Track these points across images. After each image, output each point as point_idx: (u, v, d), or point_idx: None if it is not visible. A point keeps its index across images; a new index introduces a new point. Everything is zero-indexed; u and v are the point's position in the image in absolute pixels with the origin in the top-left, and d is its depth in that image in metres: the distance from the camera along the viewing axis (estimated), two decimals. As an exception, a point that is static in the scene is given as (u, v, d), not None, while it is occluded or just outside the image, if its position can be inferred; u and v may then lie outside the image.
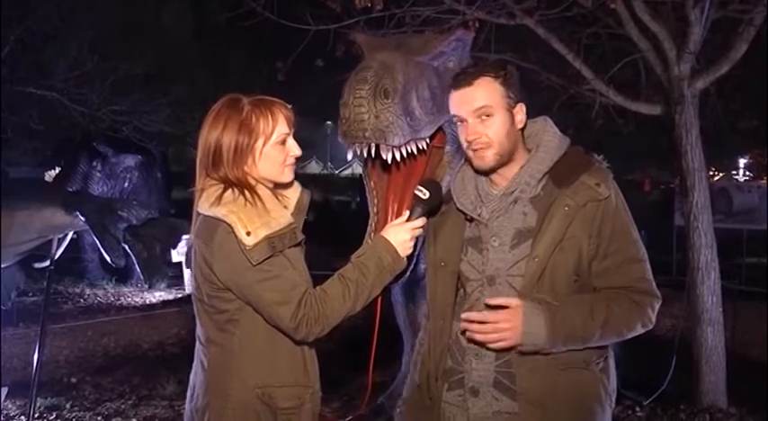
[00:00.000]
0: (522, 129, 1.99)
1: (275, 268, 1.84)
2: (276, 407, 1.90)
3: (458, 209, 2.03)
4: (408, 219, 2.03)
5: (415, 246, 2.08)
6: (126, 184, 9.41)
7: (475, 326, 1.88)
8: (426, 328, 2.10)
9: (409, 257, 2.06)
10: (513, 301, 1.85)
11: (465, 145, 1.96)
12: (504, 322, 1.84)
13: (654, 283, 1.95)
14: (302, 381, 1.95)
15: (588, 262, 1.89)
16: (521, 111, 1.96)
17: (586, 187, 1.89)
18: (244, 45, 10.87)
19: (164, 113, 8.87)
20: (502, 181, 1.97)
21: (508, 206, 1.94)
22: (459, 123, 1.97)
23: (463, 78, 1.95)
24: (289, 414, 1.92)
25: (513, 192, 1.94)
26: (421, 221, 2.04)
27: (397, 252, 1.98)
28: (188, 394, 2.04)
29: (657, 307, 1.95)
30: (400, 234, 2.00)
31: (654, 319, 1.94)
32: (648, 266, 1.96)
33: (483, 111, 1.91)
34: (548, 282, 1.88)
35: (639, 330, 1.94)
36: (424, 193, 2.04)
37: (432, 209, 2.07)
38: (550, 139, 1.98)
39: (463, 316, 1.92)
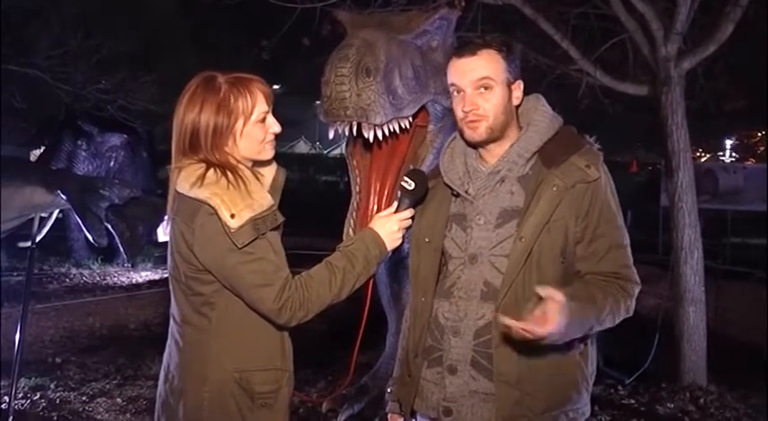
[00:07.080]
0: (518, 107, 1.96)
1: (258, 250, 1.81)
2: (253, 391, 1.87)
3: (445, 184, 1.99)
4: (396, 211, 1.99)
5: (403, 237, 2.03)
6: (111, 164, 9.35)
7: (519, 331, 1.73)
8: (410, 304, 2.08)
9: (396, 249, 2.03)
10: (559, 296, 1.70)
11: (460, 116, 1.92)
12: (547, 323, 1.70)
13: (635, 269, 1.92)
14: (280, 365, 1.92)
15: (574, 244, 1.87)
16: (518, 89, 1.93)
17: (576, 168, 1.85)
18: (230, 23, 10.77)
19: (149, 92, 8.79)
20: (491, 158, 1.94)
21: (495, 184, 1.91)
22: (455, 94, 1.93)
23: (467, 48, 1.91)
24: (266, 398, 1.89)
25: (500, 170, 1.91)
26: (409, 212, 2.00)
27: (384, 244, 1.95)
28: (161, 373, 2.01)
29: (637, 293, 1.93)
30: (388, 225, 1.96)
31: (634, 307, 1.92)
32: (630, 252, 1.93)
33: (483, 82, 1.88)
34: (535, 263, 1.84)
35: (623, 318, 1.92)
36: (409, 184, 2.00)
37: (418, 199, 2.04)
38: (541, 118, 1.94)
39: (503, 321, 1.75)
